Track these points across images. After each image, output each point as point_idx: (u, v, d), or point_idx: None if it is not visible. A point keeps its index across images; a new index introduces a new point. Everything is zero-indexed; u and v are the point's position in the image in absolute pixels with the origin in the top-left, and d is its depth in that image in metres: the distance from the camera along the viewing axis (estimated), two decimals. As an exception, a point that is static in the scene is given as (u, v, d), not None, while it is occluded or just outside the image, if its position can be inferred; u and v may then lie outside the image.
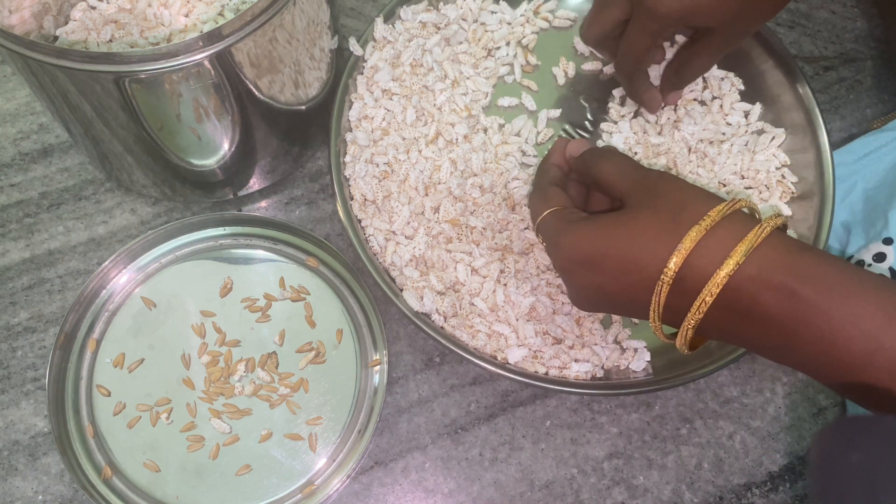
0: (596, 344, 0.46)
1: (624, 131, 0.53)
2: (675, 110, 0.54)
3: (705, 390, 0.49)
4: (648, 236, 0.35)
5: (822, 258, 0.33)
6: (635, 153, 0.52)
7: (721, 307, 0.33)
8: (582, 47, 0.56)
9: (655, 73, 0.54)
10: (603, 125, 0.54)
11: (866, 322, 0.31)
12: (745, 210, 0.36)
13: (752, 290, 0.32)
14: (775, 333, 0.33)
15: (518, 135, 0.53)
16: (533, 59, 0.56)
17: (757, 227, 0.33)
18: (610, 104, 0.55)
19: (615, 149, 0.45)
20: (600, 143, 0.53)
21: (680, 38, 0.55)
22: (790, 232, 0.50)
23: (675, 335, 0.37)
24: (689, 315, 0.34)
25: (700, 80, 0.55)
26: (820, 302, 0.31)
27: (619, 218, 0.36)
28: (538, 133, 0.53)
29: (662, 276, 0.34)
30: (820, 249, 0.34)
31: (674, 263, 0.34)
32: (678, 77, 0.51)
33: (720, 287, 0.33)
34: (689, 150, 0.52)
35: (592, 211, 0.43)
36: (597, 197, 0.44)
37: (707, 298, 0.33)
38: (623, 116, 0.54)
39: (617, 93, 0.55)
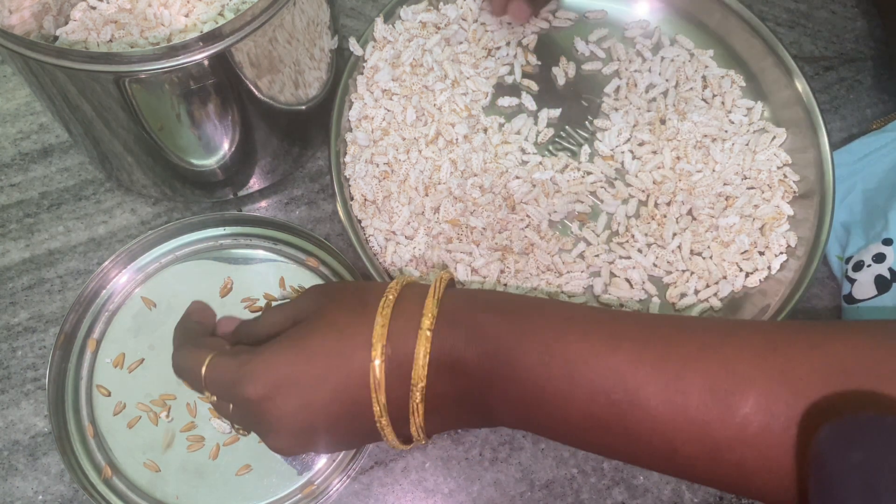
0: (596, 344, 0.46)
1: (617, 123, 0.53)
2: (675, 107, 0.54)
3: (705, 390, 0.49)
4: (341, 323, 0.33)
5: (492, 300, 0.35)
6: (641, 143, 0.53)
7: (434, 367, 0.33)
8: (582, 47, 0.56)
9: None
10: (597, 121, 0.54)
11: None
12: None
13: (456, 349, 0.33)
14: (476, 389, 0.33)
15: (518, 133, 0.53)
16: (533, 59, 0.56)
17: (436, 280, 0.35)
18: (604, 101, 0.55)
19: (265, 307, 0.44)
20: (598, 143, 0.53)
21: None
22: (790, 234, 0.50)
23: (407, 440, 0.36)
24: (413, 382, 0.32)
25: (700, 79, 0.55)
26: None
27: (304, 323, 0.35)
28: (538, 132, 0.53)
29: (373, 355, 0.32)
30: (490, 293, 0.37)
31: (379, 338, 0.32)
32: None
33: (430, 340, 0.32)
34: (695, 145, 0.52)
35: None
36: None
37: (422, 361, 0.32)
38: (616, 110, 0.54)
39: (610, 90, 0.55)
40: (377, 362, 0.32)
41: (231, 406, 0.37)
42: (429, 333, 0.32)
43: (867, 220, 0.50)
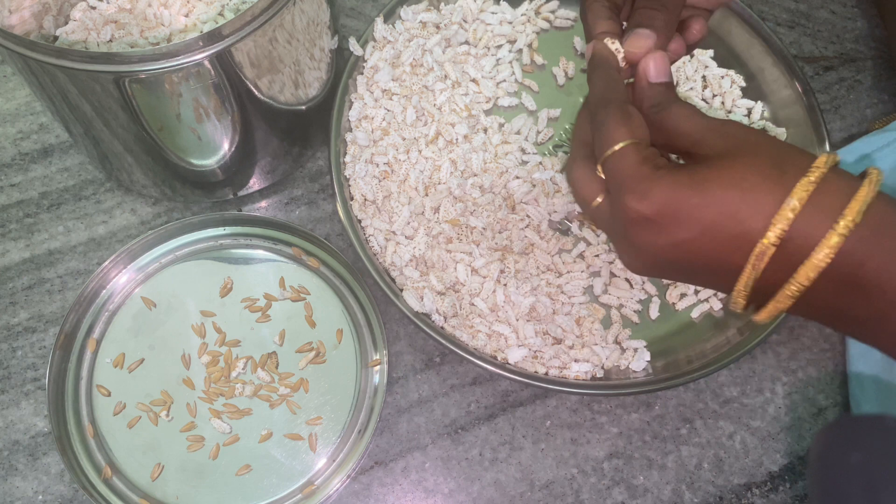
0: (596, 344, 0.46)
1: None
2: None
3: (705, 390, 0.49)
4: (749, 185, 0.30)
5: None
6: None
7: (824, 273, 0.29)
8: (582, 47, 0.56)
9: None
10: None
11: None
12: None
13: (860, 254, 0.28)
14: (869, 304, 0.29)
15: (518, 133, 0.53)
16: (539, 59, 0.56)
17: (868, 182, 0.29)
18: None
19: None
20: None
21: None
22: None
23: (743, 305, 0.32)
24: (791, 283, 0.29)
25: (700, 78, 0.55)
26: None
27: (715, 164, 0.31)
28: (538, 132, 0.53)
29: (768, 234, 0.29)
30: None
31: (784, 220, 0.29)
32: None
33: (835, 249, 0.28)
34: None
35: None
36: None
37: (819, 263, 0.29)
38: None
39: None
40: (774, 236, 0.29)
41: (597, 202, 0.35)
42: (851, 227, 0.29)
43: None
